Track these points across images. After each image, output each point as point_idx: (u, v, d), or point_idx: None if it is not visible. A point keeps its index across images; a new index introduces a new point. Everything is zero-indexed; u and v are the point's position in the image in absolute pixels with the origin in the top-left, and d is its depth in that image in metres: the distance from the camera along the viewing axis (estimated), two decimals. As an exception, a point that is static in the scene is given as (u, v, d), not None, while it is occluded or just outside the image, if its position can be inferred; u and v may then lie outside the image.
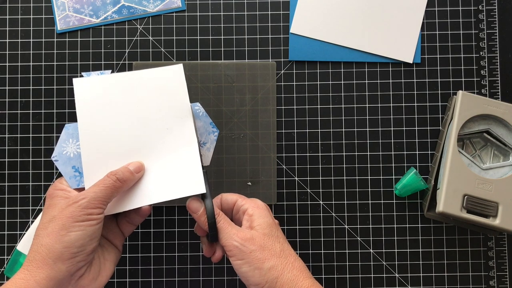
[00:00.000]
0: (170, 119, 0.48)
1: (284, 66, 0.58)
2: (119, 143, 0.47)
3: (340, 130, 0.57)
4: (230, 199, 0.47)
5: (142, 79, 0.48)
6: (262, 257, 0.41)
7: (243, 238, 0.42)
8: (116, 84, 0.48)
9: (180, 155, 0.47)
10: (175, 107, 0.48)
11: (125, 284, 0.56)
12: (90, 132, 0.46)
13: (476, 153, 0.54)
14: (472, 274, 0.56)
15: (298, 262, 0.42)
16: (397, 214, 0.57)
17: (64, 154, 0.46)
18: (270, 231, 0.43)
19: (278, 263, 0.41)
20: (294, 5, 0.58)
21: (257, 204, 0.45)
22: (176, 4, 0.58)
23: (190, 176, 0.46)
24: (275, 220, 0.45)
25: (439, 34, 0.58)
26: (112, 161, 0.46)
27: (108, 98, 0.47)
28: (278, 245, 0.42)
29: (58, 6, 0.58)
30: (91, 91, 0.47)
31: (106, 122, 0.47)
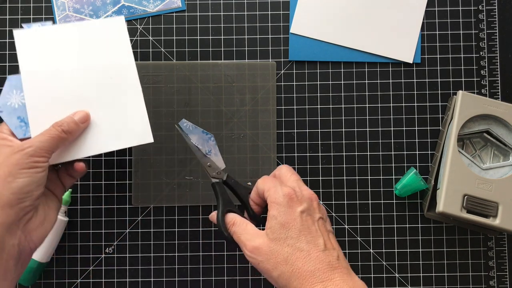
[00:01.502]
0: (113, 68, 0.49)
1: (284, 66, 0.58)
2: (64, 92, 0.48)
3: (340, 130, 0.57)
4: (261, 189, 0.44)
5: (84, 30, 0.49)
6: (270, 267, 0.39)
7: (251, 250, 0.40)
8: (58, 35, 0.49)
9: (125, 104, 0.48)
10: (118, 57, 0.49)
11: (125, 284, 0.56)
12: (34, 83, 0.47)
13: (476, 153, 0.54)
14: (472, 274, 0.56)
15: (308, 265, 0.39)
16: (397, 214, 0.57)
17: (8, 105, 0.47)
18: (279, 235, 0.40)
19: (284, 270, 0.39)
20: (294, 5, 0.58)
21: (275, 198, 0.41)
22: (176, 4, 0.58)
23: (136, 125, 0.48)
24: (292, 213, 0.40)
25: (439, 34, 0.58)
26: (58, 110, 0.47)
27: (51, 49, 0.48)
28: (287, 248, 0.39)
29: (58, 6, 0.58)
30: (33, 43, 0.48)
31: (50, 73, 0.48)
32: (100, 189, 0.57)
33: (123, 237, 0.56)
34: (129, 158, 0.57)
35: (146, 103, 0.57)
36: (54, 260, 0.56)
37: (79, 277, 0.56)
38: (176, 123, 0.49)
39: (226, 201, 0.46)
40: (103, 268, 0.56)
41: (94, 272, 0.56)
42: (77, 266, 0.56)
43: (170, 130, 0.57)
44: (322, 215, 0.42)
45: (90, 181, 0.57)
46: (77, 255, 0.56)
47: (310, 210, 0.41)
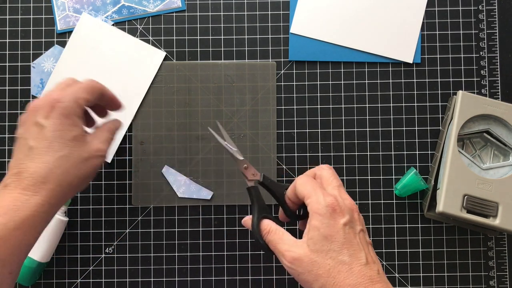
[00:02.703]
0: (127, 87, 0.57)
1: (284, 66, 0.58)
2: None
3: (340, 130, 0.57)
4: (301, 193, 0.42)
5: (129, 43, 0.58)
6: (310, 279, 0.39)
7: (290, 261, 0.39)
8: (109, 36, 0.57)
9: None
10: (137, 81, 0.57)
11: (125, 284, 0.56)
12: (66, 64, 0.57)
13: (476, 153, 0.54)
14: (472, 274, 0.56)
15: (350, 279, 0.38)
16: (397, 214, 0.57)
17: (41, 66, 0.57)
18: (321, 247, 0.39)
19: (326, 283, 0.38)
20: (294, 5, 0.58)
21: (318, 209, 0.40)
22: (176, 4, 0.58)
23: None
24: (335, 225, 0.39)
25: (439, 34, 0.58)
26: None
27: (96, 43, 0.57)
28: (330, 261, 0.38)
29: (58, 6, 0.58)
30: (89, 30, 0.57)
31: (82, 62, 0.57)
32: (100, 189, 0.57)
33: (123, 237, 0.56)
34: (129, 158, 0.57)
35: (147, 103, 0.57)
36: (54, 260, 0.56)
37: (79, 277, 0.56)
38: (209, 126, 0.51)
39: (262, 207, 0.44)
40: (103, 268, 0.56)
41: (94, 272, 0.56)
42: (77, 266, 0.56)
43: (170, 130, 0.57)
44: (362, 226, 0.41)
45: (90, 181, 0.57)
46: (77, 255, 0.56)
47: (352, 222, 0.40)
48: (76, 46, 0.57)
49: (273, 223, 0.43)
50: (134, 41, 0.57)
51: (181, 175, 0.56)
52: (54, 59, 0.57)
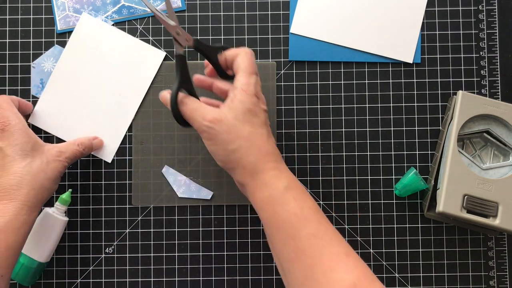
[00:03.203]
0: (127, 87, 0.57)
1: (284, 66, 0.58)
2: (79, 86, 0.57)
3: (340, 130, 0.57)
4: (237, 66, 0.45)
5: (128, 43, 0.57)
6: (228, 139, 0.42)
7: (211, 121, 0.42)
8: (109, 36, 0.57)
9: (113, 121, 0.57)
10: (137, 81, 0.57)
11: (125, 284, 0.56)
12: (66, 64, 0.57)
13: (476, 153, 0.54)
14: (472, 274, 0.56)
15: (268, 145, 0.43)
16: (397, 214, 0.57)
17: (41, 66, 0.56)
18: (243, 116, 0.42)
19: (243, 145, 0.42)
20: (294, 5, 0.58)
21: (247, 87, 0.43)
22: (176, 4, 0.58)
23: (109, 142, 0.57)
24: (260, 106, 0.44)
25: (439, 34, 0.58)
26: (65, 95, 0.57)
27: (96, 43, 0.57)
28: (249, 128, 0.42)
29: (58, 6, 0.58)
30: (89, 30, 0.57)
31: (82, 62, 0.57)
32: (100, 189, 0.57)
33: (123, 237, 0.56)
34: (129, 158, 0.57)
35: (147, 103, 0.57)
36: (54, 260, 0.56)
37: (79, 277, 0.56)
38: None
39: (184, 79, 0.46)
40: (103, 268, 0.56)
41: (94, 272, 0.56)
42: (77, 266, 0.56)
43: (170, 130, 0.57)
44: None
45: (90, 181, 0.57)
46: (77, 255, 0.56)
47: (266, 112, 0.45)
48: (76, 46, 0.57)
49: (191, 96, 0.46)
50: (134, 41, 0.57)
51: (181, 175, 0.56)
52: (54, 59, 0.57)
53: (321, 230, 0.39)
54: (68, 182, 0.57)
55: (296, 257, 0.39)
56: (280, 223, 0.40)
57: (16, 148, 0.46)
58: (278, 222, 0.40)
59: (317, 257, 0.38)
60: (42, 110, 0.57)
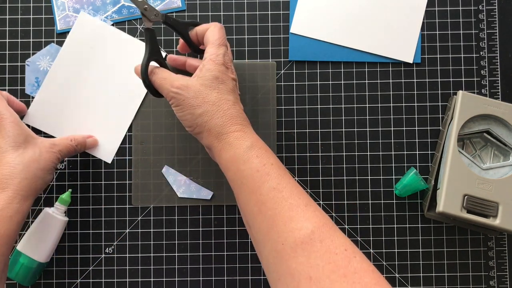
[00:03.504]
0: (127, 87, 0.57)
1: (284, 66, 0.58)
2: (76, 86, 0.56)
3: (340, 130, 0.57)
4: (207, 39, 0.48)
5: (127, 43, 0.57)
6: (195, 104, 0.44)
7: (178, 87, 0.44)
8: (108, 35, 0.57)
9: (112, 121, 0.57)
10: (137, 82, 0.54)
11: (125, 284, 0.56)
12: (64, 63, 0.56)
13: (476, 153, 0.54)
14: (472, 274, 0.56)
15: (232, 110, 0.44)
16: (397, 214, 0.57)
17: (36, 64, 0.56)
18: (210, 83, 0.44)
19: (209, 109, 0.44)
20: (294, 5, 0.58)
21: (215, 57, 0.46)
22: (176, 4, 0.58)
23: (107, 143, 0.57)
24: (228, 75, 0.46)
25: (439, 34, 0.58)
26: (63, 95, 0.56)
27: (94, 42, 0.57)
28: (215, 94, 0.44)
29: (58, 6, 0.58)
30: (87, 29, 0.57)
31: (80, 61, 0.56)
32: (100, 189, 0.57)
33: (123, 237, 0.56)
34: (129, 158, 0.57)
35: (147, 103, 0.57)
36: (54, 260, 0.56)
37: (79, 277, 0.56)
38: None
39: (154, 50, 0.48)
40: (103, 268, 0.56)
41: (94, 272, 0.56)
42: (77, 266, 0.56)
43: (170, 130, 0.57)
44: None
45: (90, 181, 0.57)
46: (77, 255, 0.56)
47: (235, 81, 0.47)
48: (74, 45, 0.57)
49: (160, 67, 0.48)
50: (133, 41, 0.57)
51: (181, 175, 0.56)
52: (50, 57, 0.56)
53: (282, 183, 0.41)
54: (68, 182, 0.57)
55: (258, 210, 0.40)
56: (244, 180, 0.42)
57: (8, 140, 0.47)
58: (241, 179, 0.42)
59: (278, 208, 0.39)
60: (38, 110, 0.56)
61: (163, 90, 0.46)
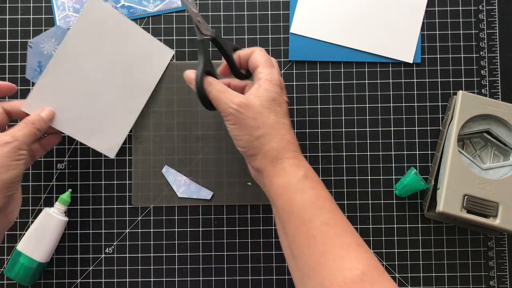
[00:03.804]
0: (134, 81, 0.54)
1: (284, 66, 0.58)
2: (82, 75, 0.52)
3: (340, 130, 0.57)
4: (255, 61, 0.47)
5: (138, 36, 0.54)
6: (254, 125, 0.43)
7: (239, 104, 0.43)
8: (118, 25, 0.53)
9: (117, 116, 0.54)
10: (145, 76, 0.54)
11: (125, 284, 0.56)
12: (70, 49, 0.51)
13: (476, 153, 0.54)
14: (472, 274, 0.56)
15: (289, 135, 0.44)
16: (397, 214, 0.57)
17: (40, 47, 0.51)
18: (268, 105, 0.44)
19: (268, 132, 0.43)
20: (294, 5, 0.58)
21: (272, 78, 0.45)
22: (176, 4, 0.58)
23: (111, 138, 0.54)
24: (283, 97, 0.45)
25: (439, 34, 0.58)
26: (67, 88, 0.52)
27: (104, 30, 0.52)
28: (273, 117, 0.43)
29: (58, 6, 0.58)
30: (96, 17, 0.52)
31: (87, 48, 0.52)
32: (100, 189, 0.57)
33: (123, 237, 0.56)
34: (129, 158, 0.57)
35: (147, 103, 0.57)
36: (54, 260, 0.56)
37: (79, 277, 0.56)
38: None
39: (208, 62, 0.46)
40: (103, 268, 0.56)
41: (94, 272, 0.56)
42: (77, 266, 0.56)
43: (170, 130, 0.57)
44: None
45: (90, 181, 0.57)
46: (77, 255, 0.56)
47: (287, 104, 0.47)
48: (82, 30, 0.52)
49: (216, 79, 0.46)
50: (143, 34, 0.55)
51: (181, 175, 0.56)
52: (56, 40, 0.52)
53: (335, 219, 0.40)
54: (68, 182, 0.57)
55: (308, 243, 0.39)
56: (295, 209, 0.41)
57: None
58: (293, 208, 0.41)
59: (329, 244, 0.39)
60: (39, 98, 0.51)
61: (220, 103, 0.44)
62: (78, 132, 0.53)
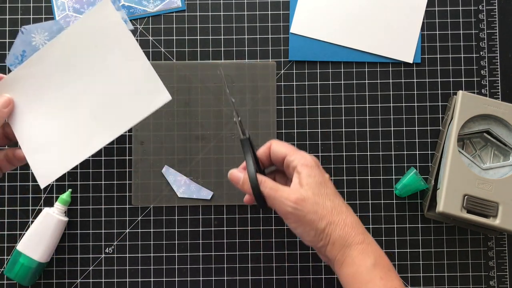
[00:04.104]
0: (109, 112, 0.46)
1: (284, 66, 0.58)
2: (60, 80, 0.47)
3: (340, 130, 0.57)
4: (279, 151, 0.46)
5: (138, 61, 0.46)
6: (316, 219, 0.42)
7: (295, 202, 0.42)
8: (120, 41, 0.46)
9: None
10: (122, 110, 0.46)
11: (125, 284, 0.56)
12: (60, 48, 0.46)
13: (476, 153, 0.54)
14: (472, 274, 0.56)
15: (350, 218, 0.43)
16: (397, 214, 0.57)
17: (30, 36, 0.47)
18: (319, 190, 0.43)
19: (330, 221, 0.42)
20: (294, 5, 0.58)
21: (306, 162, 0.44)
22: (176, 4, 0.58)
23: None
24: (325, 175, 0.44)
25: (439, 34, 0.58)
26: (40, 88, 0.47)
27: (102, 41, 0.46)
28: (329, 202, 0.43)
29: (58, 6, 0.58)
30: (100, 24, 0.46)
31: (73, 57, 0.46)
32: (100, 189, 0.57)
33: (123, 237, 0.56)
34: (129, 158, 0.57)
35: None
36: (54, 260, 0.56)
37: (79, 277, 0.56)
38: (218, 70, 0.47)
39: (256, 159, 0.45)
40: (103, 268, 0.56)
41: (94, 272, 0.56)
42: (77, 266, 0.56)
43: (170, 130, 0.57)
44: None
45: (90, 181, 0.57)
46: (77, 255, 0.56)
47: (331, 179, 0.46)
48: (79, 34, 0.46)
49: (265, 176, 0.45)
50: (144, 63, 0.46)
51: (181, 175, 0.56)
52: (49, 35, 0.48)
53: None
54: (68, 182, 0.57)
55: None
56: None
57: None
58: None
59: None
60: (8, 87, 0.46)
61: (277, 203, 0.43)
62: (26, 139, 0.47)
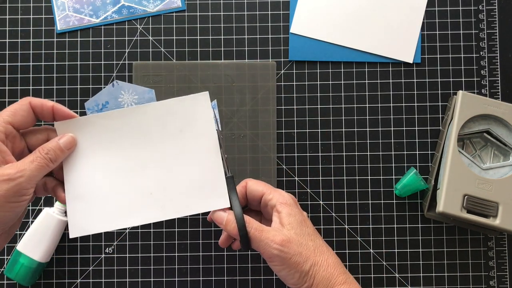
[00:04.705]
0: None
1: (284, 66, 0.58)
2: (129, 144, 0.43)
3: (340, 130, 0.57)
4: (256, 190, 0.45)
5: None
6: (301, 261, 0.41)
7: (281, 244, 0.41)
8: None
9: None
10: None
11: (125, 284, 0.56)
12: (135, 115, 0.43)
13: (476, 153, 0.54)
14: (472, 274, 0.56)
15: (332, 258, 0.43)
16: (397, 214, 0.57)
17: (120, 92, 0.43)
18: (301, 230, 0.42)
19: (314, 262, 0.41)
20: (294, 5, 0.58)
21: (285, 200, 0.43)
22: (176, 4, 0.58)
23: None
24: (303, 213, 0.44)
25: (439, 34, 0.58)
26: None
27: (179, 127, 0.43)
28: (311, 243, 0.42)
29: (58, 6, 0.58)
30: (188, 112, 0.43)
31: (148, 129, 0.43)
32: (100, 189, 0.57)
33: (123, 237, 0.56)
34: (129, 158, 0.57)
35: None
36: (54, 260, 0.56)
37: (79, 277, 0.56)
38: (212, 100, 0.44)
39: (239, 198, 0.43)
40: (103, 268, 0.56)
41: (94, 272, 0.56)
42: (77, 266, 0.56)
43: (170, 130, 0.57)
44: None
45: (90, 181, 0.57)
46: (77, 255, 0.56)
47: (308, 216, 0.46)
48: (169, 111, 0.43)
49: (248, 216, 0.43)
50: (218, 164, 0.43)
51: None
52: (138, 99, 0.44)
53: None
54: (68, 182, 0.57)
55: None
56: None
57: None
58: None
59: None
60: (77, 127, 0.43)
61: (262, 245, 0.41)
62: (73, 183, 0.42)
